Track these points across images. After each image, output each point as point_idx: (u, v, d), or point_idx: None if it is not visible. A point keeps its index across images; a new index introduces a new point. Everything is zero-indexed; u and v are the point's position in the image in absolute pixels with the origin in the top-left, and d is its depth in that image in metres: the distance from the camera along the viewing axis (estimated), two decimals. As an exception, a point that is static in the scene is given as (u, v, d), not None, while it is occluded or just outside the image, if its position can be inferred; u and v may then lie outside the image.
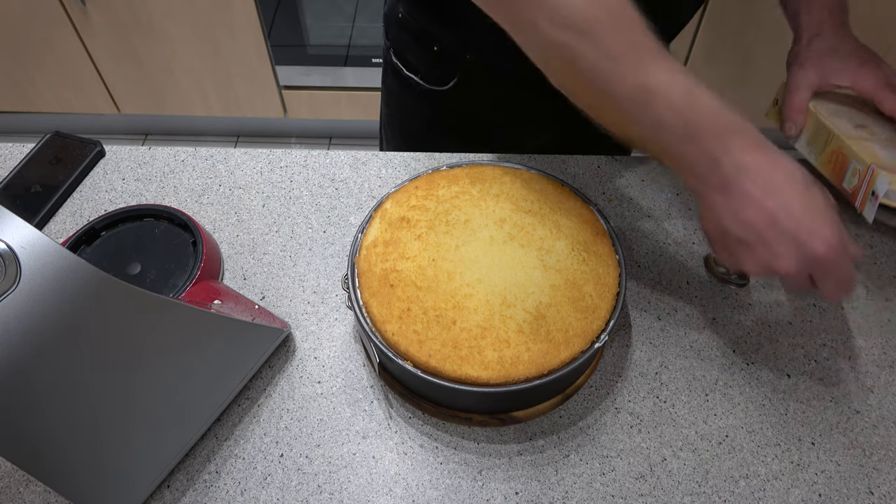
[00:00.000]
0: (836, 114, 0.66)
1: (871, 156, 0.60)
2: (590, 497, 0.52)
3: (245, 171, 0.75)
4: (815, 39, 0.67)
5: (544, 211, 0.59)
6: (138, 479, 0.50)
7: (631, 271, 0.66)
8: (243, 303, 0.60)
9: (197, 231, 0.63)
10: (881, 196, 0.58)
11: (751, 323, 0.62)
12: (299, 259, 0.67)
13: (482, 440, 0.55)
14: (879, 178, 0.58)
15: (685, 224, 0.70)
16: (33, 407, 0.43)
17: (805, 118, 0.67)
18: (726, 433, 0.55)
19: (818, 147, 0.66)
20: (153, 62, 1.81)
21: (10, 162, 0.75)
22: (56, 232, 0.69)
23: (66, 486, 0.46)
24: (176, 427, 0.52)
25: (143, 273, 0.61)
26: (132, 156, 0.76)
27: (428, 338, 0.51)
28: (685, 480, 0.53)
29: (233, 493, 0.52)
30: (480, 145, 0.75)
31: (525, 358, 0.50)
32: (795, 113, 0.67)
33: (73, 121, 2.04)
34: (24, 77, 1.86)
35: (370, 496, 0.52)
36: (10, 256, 0.41)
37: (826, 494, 0.52)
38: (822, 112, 0.66)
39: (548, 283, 0.54)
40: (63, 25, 1.72)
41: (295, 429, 0.56)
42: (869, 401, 0.57)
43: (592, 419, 0.56)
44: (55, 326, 0.42)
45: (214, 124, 2.09)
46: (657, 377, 0.59)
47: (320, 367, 0.59)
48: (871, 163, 0.59)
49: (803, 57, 0.67)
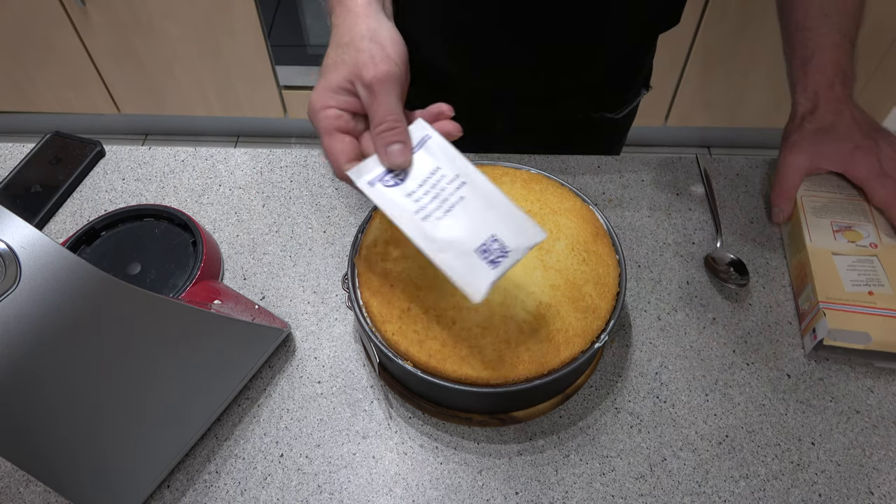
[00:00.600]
0: (821, 211, 0.64)
1: (826, 289, 0.58)
2: (590, 497, 0.52)
3: (245, 171, 0.75)
4: (808, 118, 0.64)
5: (544, 211, 0.59)
6: (138, 479, 0.50)
7: (631, 271, 0.66)
8: (243, 303, 0.60)
9: (197, 231, 0.63)
10: (818, 338, 0.56)
11: (751, 323, 0.62)
12: (299, 259, 0.67)
13: (482, 440, 0.55)
14: (821, 323, 0.56)
15: (685, 224, 0.70)
16: (33, 407, 0.43)
17: (792, 207, 0.65)
18: (726, 433, 0.55)
19: (794, 246, 0.65)
20: (153, 62, 1.81)
21: (10, 162, 0.75)
22: (56, 232, 0.69)
23: (67, 486, 0.46)
24: (176, 427, 0.52)
25: (143, 273, 0.61)
26: (132, 156, 0.76)
27: (428, 338, 0.51)
28: (685, 480, 0.53)
29: (233, 493, 0.52)
30: None
31: (525, 358, 0.50)
32: (783, 201, 0.65)
33: (73, 121, 2.04)
34: (24, 77, 1.86)
35: (370, 496, 0.52)
36: (10, 256, 0.41)
37: (826, 494, 0.52)
38: (806, 207, 0.64)
39: (548, 283, 0.54)
40: (63, 25, 1.72)
41: (295, 429, 0.56)
42: (869, 401, 0.57)
43: (592, 419, 0.56)
44: (55, 326, 0.42)
45: (214, 124, 2.09)
46: (657, 377, 0.59)
47: (320, 367, 0.59)
48: (821, 301, 0.57)
49: (795, 138, 0.64)
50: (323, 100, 0.47)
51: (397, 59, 0.47)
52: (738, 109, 1.85)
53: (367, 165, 0.47)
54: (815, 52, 0.63)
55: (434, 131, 0.48)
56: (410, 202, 0.45)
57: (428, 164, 0.47)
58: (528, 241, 0.44)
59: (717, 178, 0.74)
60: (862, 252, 0.61)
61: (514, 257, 0.44)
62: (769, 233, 0.69)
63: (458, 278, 0.43)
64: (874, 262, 0.60)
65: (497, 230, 0.44)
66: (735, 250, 0.67)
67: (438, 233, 0.44)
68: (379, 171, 0.47)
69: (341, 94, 0.47)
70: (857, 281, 0.58)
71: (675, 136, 2.04)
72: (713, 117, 1.87)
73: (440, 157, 0.47)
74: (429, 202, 0.45)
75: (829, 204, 0.64)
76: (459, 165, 0.47)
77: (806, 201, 0.65)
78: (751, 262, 0.66)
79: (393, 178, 0.46)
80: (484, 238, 0.44)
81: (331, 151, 0.47)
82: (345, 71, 0.47)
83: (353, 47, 0.47)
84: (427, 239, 0.44)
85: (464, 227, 0.45)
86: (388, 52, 0.47)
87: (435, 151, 0.47)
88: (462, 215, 0.45)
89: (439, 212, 0.45)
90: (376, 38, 0.47)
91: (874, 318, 0.56)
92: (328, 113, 0.48)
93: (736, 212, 0.71)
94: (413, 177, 0.46)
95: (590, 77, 0.77)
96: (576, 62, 0.74)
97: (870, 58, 1.70)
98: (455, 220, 0.45)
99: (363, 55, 0.46)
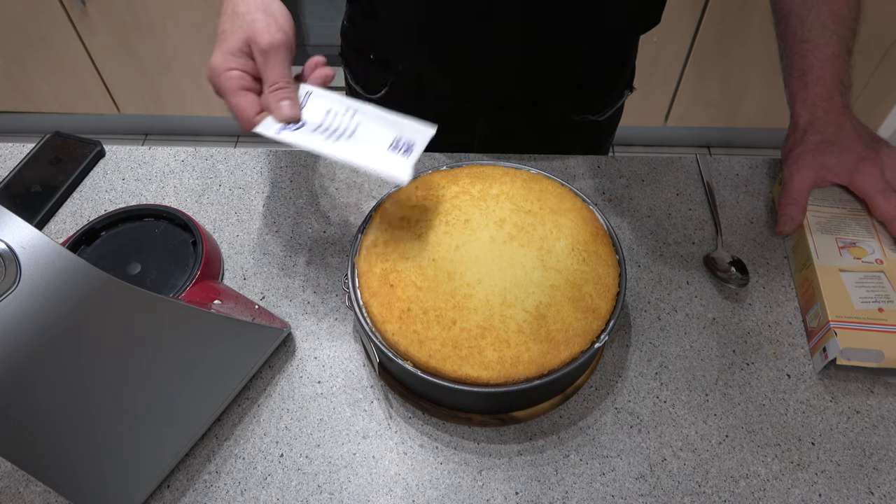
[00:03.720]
0: (826, 227, 0.63)
1: (836, 308, 0.57)
2: (590, 497, 0.52)
3: (245, 171, 0.75)
4: (810, 130, 0.63)
5: (544, 211, 0.59)
6: (138, 479, 0.50)
7: (631, 271, 0.66)
8: (243, 303, 0.60)
9: (197, 231, 0.63)
10: (830, 357, 0.56)
11: (751, 323, 0.62)
12: (299, 259, 0.67)
13: (482, 440, 0.55)
14: (832, 342, 0.56)
15: (685, 224, 0.70)
16: (33, 407, 0.43)
17: (803, 216, 0.64)
18: (726, 433, 0.55)
19: (799, 261, 0.64)
20: (153, 62, 1.81)
21: (10, 162, 0.75)
22: (56, 232, 0.69)
23: (66, 486, 0.46)
24: (176, 427, 0.52)
25: (143, 273, 0.61)
26: (132, 156, 0.76)
27: (428, 338, 0.51)
28: (685, 480, 0.53)
29: (233, 493, 0.52)
30: None
31: (525, 358, 0.50)
32: (794, 209, 0.63)
33: (73, 121, 2.04)
34: (24, 77, 1.86)
35: (370, 496, 0.52)
36: (10, 256, 0.41)
37: (826, 494, 0.52)
38: (811, 223, 0.64)
39: (548, 283, 0.54)
40: (63, 25, 1.72)
41: (295, 429, 0.56)
42: (869, 401, 0.57)
43: (592, 419, 0.56)
44: (55, 326, 0.42)
45: (214, 124, 2.09)
46: (657, 377, 0.59)
47: (320, 367, 0.59)
48: (832, 319, 0.57)
49: (799, 151, 0.64)
50: (224, 62, 0.53)
51: (288, 29, 0.54)
52: (737, 109, 1.85)
53: (271, 120, 0.54)
54: (814, 64, 0.63)
55: (314, 87, 0.56)
56: (317, 134, 0.53)
57: (321, 107, 0.55)
58: (424, 135, 0.54)
59: (717, 178, 0.74)
60: (868, 268, 0.60)
61: (418, 149, 0.53)
62: (769, 233, 0.69)
63: (384, 169, 0.51)
64: (882, 278, 0.59)
65: (399, 132, 0.54)
66: (735, 250, 0.67)
67: (352, 147, 0.53)
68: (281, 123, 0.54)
69: (240, 56, 0.53)
70: (865, 298, 0.58)
71: (675, 136, 2.04)
72: (713, 117, 1.87)
73: (329, 101, 0.55)
74: (333, 131, 0.54)
75: (832, 220, 0.64)
76: (347, 102, 0.55)
77: (810, 217, 0.64)
78: (751, 262, 0.66)
79: (295, 126, 0.54)
80: (390, 140, 0.54)
81: (238, 107, 0.53)
82: (242, 37, 0.53)
83: (248, 17, 0.53)
84: (346, 152, 0.52)
85: (370, 139, 0.54)
86: (280, 23, 0.53)
87: (322, 99, 0.55)
88: (364, 133, 0.54)
89: (346, 135, 0.54)
90: (269, 11, 0.54)
91: (886, 335, 0.56)
92: (231, 74, 0.53)
93: (736, 212, 0.71)
94: (312, 119, 0.54)
95: (570, 78, 0.77)
96: (555, 63, 0.73)
97: (870, 58, 1.70)
98: (361, 137, 0.54)
99: (259, 24, 0.53)
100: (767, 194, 0.72)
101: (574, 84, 0.78)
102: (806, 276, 0.62)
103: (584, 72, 0.77)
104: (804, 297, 0.62)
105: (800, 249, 0.64)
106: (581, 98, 0.80)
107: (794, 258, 0.65)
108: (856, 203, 0.65)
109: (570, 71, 0.76)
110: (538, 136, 0.81)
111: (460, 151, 0.76)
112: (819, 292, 0.59)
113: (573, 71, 0.76)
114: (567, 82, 0.77)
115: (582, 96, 0.80)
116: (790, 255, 0.66)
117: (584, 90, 0.79)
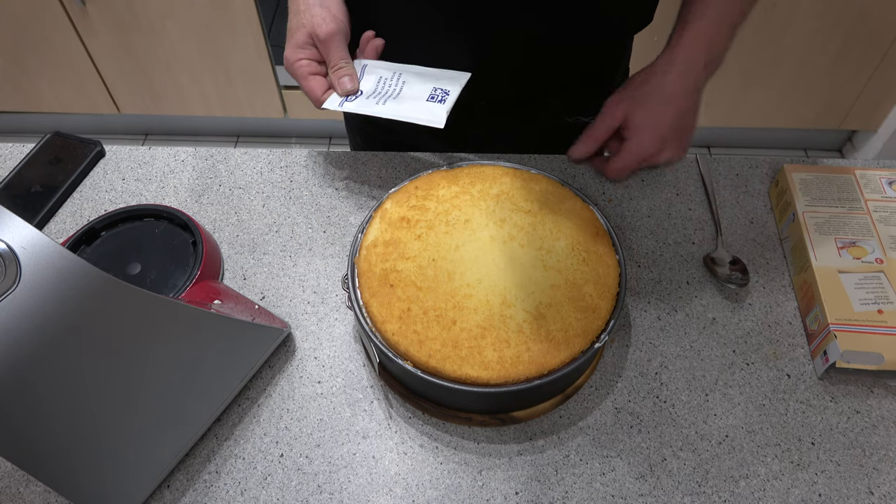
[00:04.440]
0: (824, 227, 0.63)
1: (835, 310, 0.57)
2: (590, 497, 0.52)
3: (245, 171, 0.75)
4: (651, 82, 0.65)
5: (544, 211, 0.59)
6: (138, 479, 0.50)
7: (631, 271, 0.66)
8: (243, 303, 0.60)
9: (197, 231, 0.63)
10: (830, 361, 0.56)
11: (751, 323, 0.62)
12: (299, 259, 0.67)
13: (482, 440, 0.55)
14: (832, 345, 0.56)
15: (685, 224, 0.70)
16: (33, 407, 0.43)
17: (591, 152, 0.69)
18: (726, 433, 0.55)
19: (798, 263, 0.64)
20: (153, 62, 1.81)
21: (10, 162, 0.75)
22: (56, 232, 0.69)
23: (66, 486, 0.46)
24: (176, 427, 0.52)
25: (143, 273, 0.61)
26: (132, 156, 0.76)
27: (428, 338, 0.51)
28: (685, 480, 0.53)
29: (233, 493, 0.52)
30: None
31: (525, 358, 0.50)
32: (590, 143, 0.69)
33: (73, 121, 2.04)
34: (24, 77, 1.86)
35: (370, 496, 0.52)
36: (10, 256, 0.41)
37: (826, 494, 0.52)
38: (809, 224, 0.64)
39: (548, 283, 0.54)
40: (63, 25, 1.72)
41: (295, 429, 0.56)
42: (869, 401, 0.57)
43: (592, 419, 0.56)
44: (55, 326, 0.42)
45: (214, 124, 2.09)
46: (657, 377, 0.59)
47: (320, 367, 0.59)
48: (831, 322, 0.57)
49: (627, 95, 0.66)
50: (294, 55, 0.63)
51: (342, 17, 0.63)
52: (738, 109, 1.85)
53: (335, 96, 0.64)
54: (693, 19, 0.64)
55: (368, 60, 0.65)
56: (370, 100, 0.63)
57: (374, 77, 0.65)
58: (459, 80, 0.63)
59: (717, 178, 0.74)
60: (868, 269, 0.60)
61: (454, 94, 0.62)
62: (769, 233, 0.69)
63: (422, 118, 0.61)
64: (881, 279, 0.59)
65: (436, 84, 0.63)
66: (735, 250, 0.67)
67: (396, 105, 0.62)
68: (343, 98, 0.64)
69: (306, 48, 0.63)
70: (865, 300, 0.58)
71: (675, 136, 2.03)
72: (713, 117, 1.87)
73: (381, 70, 0.65)
74: (383, 94, 0.63)
75: (831, 219, 0.64)
76: (394, 67, 0.65)
77: (808, 217, 0.64)
78: (751, 262, 0.66)
79: (354, 97, 0.64)
80: (429, 91, 0.63)
81: (310, 89, 0.63)
82: (305, 31, 0.62)
83: (308, 13, 0.62)
84: (391, 110, 0.61)
85: (412, 94, 0.63)
86: (334, 13, 0.62)
87: (375, 70, 0.65)
88: (408, 90, 0.64)
89: (393, 95, 0.63)
90: (324, 4, 0.63)
91: (885, 337, 0.56)
92: (301, 63, 0.63)
93: (736, 212, 0.71)
94: (367, 88, 0.64)
95: (562, 79, 0.77)
96: (548, 64, 0.73)
97: (870, 58, 1.70)
98: (405, 94, 0.63)
99: (316, 18, 0.62)
100: (767, 194, 0.72)
101: (566, 85, 0.78)
102: (805, 278, 0.62)
103: (576, 73, 0.77)
104: (804, 299, 0.62)
105: (798, 251, 0.64)
106: (573, 100, 0.80)
107: (792, 260, 0.65)
108: (854, 203, 0.65)
109: (563, 72, 0.76)
110: (531, 137, 0.81)
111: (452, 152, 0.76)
112: (818, 295, 0.59)
113: (565, 72, 0.76)
114: (559, 84, 0.77)
115: (574, 98, 0.80)
116: (789, 257, 0.66)
117: (577, 92, 0.79)
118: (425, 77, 0.64)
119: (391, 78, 0.64)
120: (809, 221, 0.64)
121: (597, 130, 0.68)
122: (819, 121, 1.88)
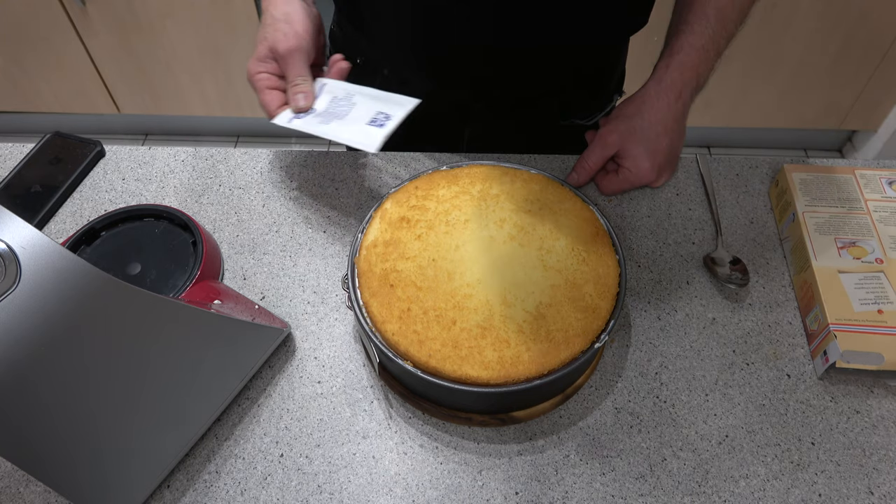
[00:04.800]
0: (824, 228, 0.63)
1: (835, 310, 0.57)
2: (590, 497, 0.52)
3: (245, 171, 0.75)
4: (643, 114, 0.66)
5: (544, 211, 0.59)
6: (138, 478, 0.50)
7: (631, 271, 0.66)
8: (243, 303, 0.60)
9: (197, 231, 0.63)
10: (830, 361, 0.56)
11: (751, 323, 0.62)
12: (299, 259, 0.67)
13: (482, 440, 0.55)
14: (832, 345, 0.56)
15: (685, 224, 0.70)
16: (33, 407, 0.43)
17: (587, 180, 0.70)
18: (726, 433, 0.55)
19: (798, 263, 0.64)
20: (153, 62, 1.81)
21: (10, 162, 0.75)
22: (56, 232, 0.69)
23: (66, 486, 0.46)
24: (176, 427, 0.52)
25: (143, 273, 0.61)
26: (132, 156, 0.76)
27: (428, 338, 0.51)
28: (685, 480, 0.53)
29: (233, 493, 0.52)
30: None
31: (525, 358, 0.50)
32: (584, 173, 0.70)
33: (73, 121, 2.04)
34: (23, 77, 1.86)
35: (370, 496, 0.52)
36: (10, 256, 0.41)
37: (826, 494, 0.52)
38: (808, 224, 0.64)
39: (548, 283, 0.54)
40: (63, 25, 1.72)
41: (295, 429, 0.56)
42: (869, 401, 0.57)
43: (592, 419, 0.56)
44: (55, 326, 0.42)
45: (214, 124, 2.09)
46: (657, 377, 0.59)
47: (320, 367, 0.59)
48: (831, 322, 0.57)
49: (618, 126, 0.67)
50: (255, 67, 0.64)
51: (304, 34, 0.63)
52: (738, 109, 1.85)
53: (287, 112, 0.64)
54: (683, 47, 0.65)
55: (329, 80, 0.66)
56: (316, 119, 0.63)
57: (328, 98, 0.65)
58: (406, 106, 0.62)
59: (717, 178, 0.74)
60: (868, 268, 0.60)
61: (396, 119, 0.61)
62: (769, 233, 0.69)
63: (356, 140, 0.59)
64: (881, 279, 0.59)
65: (381, 108, 0.62)
66: (735, 250, 0.67)
67: (337, 126, 0.62)
68: (293, 115, 0.64)
69: (266, 62, 0.64)
70: (865, 299, 0.58)
71: (675, 136, 2.03)
72: (713, 117, 1.87)
73: (337, 90, 0.65)
74: (331, 114, 0.63)
75: (831, 220, 0.64)
76: (349, 89, 0.65)
77: (808, 218, 0.64)
78: (751, 262, 0.66)
79: (305, 114, 0.64)
80: (373, 114, 0.62)
81: (265, 102, 0.64)
82: (267, 45, 0.63)
83: (272, 27, 0.63)
84: (331, 131, 0.61)
85: (356, 116, 0.62)
86: (297, 30, 0.63)
87: (332, 89, 0.65)
88: (354, 112, 0.63)
89: (339, 116, 0.63)
90: (289, 20, 0.63)
91: (885, 337, 0.56)
92: (260, 76, 0.64)
93: (736, 212, 0.71)
94: (319, 107, 0.64)
95: (558, 82, 0.77)
96: (543, 66, 0.73)
97: (870, 58, 1.70)
98: (351, 116, 0.62)
99: (279, 34, 0.63)
100: (767, 194, 0.72)
101: (561, 88, 0.78)
102: (805, 278, 0.62)
103: (571, 76, 0.77)
104: (804, 299, 0.62)
105: (798, 251, 0.64)
106: (568, 102, 0.80)
107: (792, 260, 0.65)
108: (854, 203, 0.65)
109: (560, 74, 0.76)
110: (526, 139, 0.81)
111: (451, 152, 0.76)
112: (818, 295, 0.59)
113: (563, 74, 0.76)
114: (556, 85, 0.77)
115: (569, 101, 0.80)
116: (789, 257, 0.66)
117: (572, 94, 0.79)
118: (374, 100, 0.63)
119: (343, 98, 0.64)
120: (809, 221, 0.64)
121: (591, 161, 0.69)
122: (819, 121, 1.88)
